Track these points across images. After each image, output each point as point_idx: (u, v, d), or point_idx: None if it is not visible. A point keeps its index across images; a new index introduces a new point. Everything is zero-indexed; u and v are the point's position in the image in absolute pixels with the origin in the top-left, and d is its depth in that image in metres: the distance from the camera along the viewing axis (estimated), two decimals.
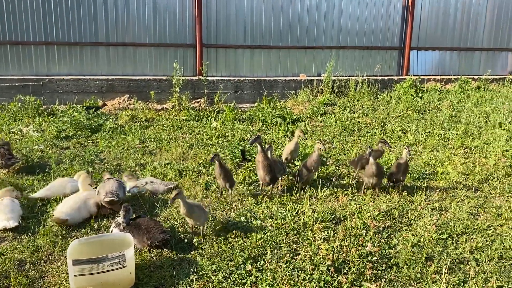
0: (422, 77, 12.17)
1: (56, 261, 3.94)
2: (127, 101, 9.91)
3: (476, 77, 12.64)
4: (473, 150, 7.12)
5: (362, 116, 9.36)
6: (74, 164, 6.18)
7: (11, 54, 9.74)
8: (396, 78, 11.96)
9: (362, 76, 11.68)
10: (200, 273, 3.71)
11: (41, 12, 9.75)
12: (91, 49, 10.18)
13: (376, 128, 8.50)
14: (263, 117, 9.07)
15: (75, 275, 3.36)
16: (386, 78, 11.90)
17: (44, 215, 4.76)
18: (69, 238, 4.32)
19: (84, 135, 7.73)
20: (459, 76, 12.38)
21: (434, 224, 4.58)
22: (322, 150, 5.75)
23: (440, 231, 4.44)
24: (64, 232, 4.44)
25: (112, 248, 3.62)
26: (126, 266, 3.46)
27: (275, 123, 8.83)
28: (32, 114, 8.82)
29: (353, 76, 11.73)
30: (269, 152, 5.42)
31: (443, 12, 12.41)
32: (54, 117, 8.77)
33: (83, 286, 3.37)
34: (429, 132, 8.29)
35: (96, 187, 5.02)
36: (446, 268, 3.72)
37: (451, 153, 6.99)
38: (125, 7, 10.18)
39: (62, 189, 5.20)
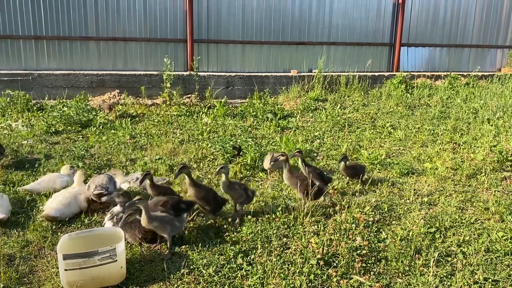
0: (412, 73, 12.25)
1: (46, 256, 3.93)
2: (118, 96, 9.85)
3: (465, 73, 12.76)
4: (462, 145, 7.21)
5: (352, 112, 9.42)
6: (64, 159, 6.14)
7: (0, 48, 9.62)
8: (386, 74, 12.03)
9: (353, 72, 11.73)
10: (191, 267, 3.72)
11: (30, 6, 9.63)
12: (81, 44, 10.09)
13: (367, 124, 8.56)
14: (254, 113, 9.08)
15: (65, 270, 3.35)
16: (376, 74, 11.96)
17: (34, 210, 4.74)
18: (59, 233, 4.31)
19: (74, 130, 7.68)
20: (448, 73, 12.48)
21: (422, 218, 4.65)
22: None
23: (429, 225, 4.50)
24: (54, 227, 4.43)
25: (103, 243, 3.62)
26: (116, 260, 3.47)
27: (266, 118, 8.84)
28: (21, 109, 8.73)
29: (344, 72, 11.77)
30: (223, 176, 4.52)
31: (433, 9, 12.49)
32: (43, 112, 8.70)
33: (73, 281, 3.37)
34: (418, 127, 8.36)
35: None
36: (434, 261, 3.78)
37: (440, 149, 7.06)
38: (116, 1, 10.09)
39: (51, 184, 5.18)
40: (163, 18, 10.49)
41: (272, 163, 5.50)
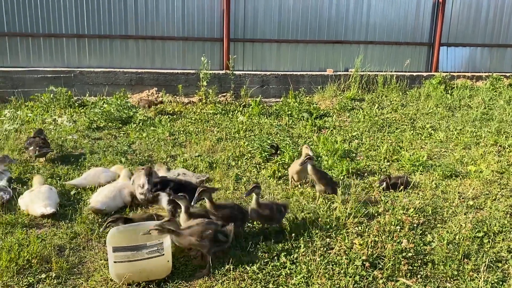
0: (451, 73, 11.93)
1: (94, 248, 4.04)
2: (156, 94, 10.02)
3: (508, 74, 12.32)
4: (507, 148, 6.96)
5: (391, 112, 9.24)
6: (107, 155, 6.29)
7: (44, 46, 9.95)
8: (425, 74, 11.76)
9: (391, 72, 11.52)
10: (235, 263, 3.73)
11: (73, 5, 9.92)
12: (120, 42, 10.32)
13: (406, 125, 8.38)
14: (290, 112, 9.05)
15: (115, 262, 3.43)
16: (415, 74, 11.71)
17: (80, 203, 4.88)
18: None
19: (115, 127, 7.86)
20: (490, 73, 12.08)
21: (469, 222, 4.51)
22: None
23: (476, 229, 4.37)
24: (100, 220, 4.54)
25: (149, 237, 3.67)
26: (164, 254, 3.52)
27: (301, 118, 8.79)
28: (63, 105, 9.00)
29: (381, 71, 11.58)
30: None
31: (475, 8, 12.11)
32: (84, 108, 8.94)
33: (122, 273, 3.44)
34: (460, 129, 8.13)
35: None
36: (484, 266, 3.67)
37: (484, 151, 6.85)
38: (155, 1, 10.26)
39: (96, 179, 5.32)
40: (200, 17, 10.60)
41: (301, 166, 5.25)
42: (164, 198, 4.48)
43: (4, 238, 4.09)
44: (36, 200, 4.60)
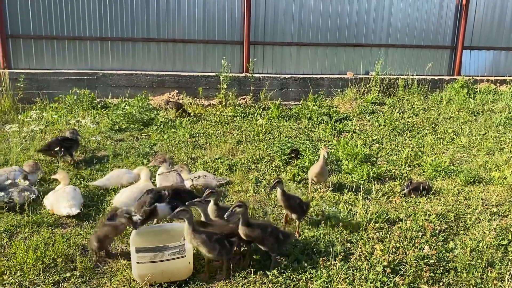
0: (474, 77, 11.72)
1: (116, 248, 4.12)
2: (176, 96, 10.13)
3: None
4: None
5: (412, 116, 9.14)
6: (130, 156, 6.39)
7: (68, 49, 10.16)
8: (447, 78, 11.59)
9: (412, 75, 11.38)
10: (256, 266, 3.76)
11: (96, 9, 10.11)
12: (142, 45, 10.47)
13: (427, 129, 8.28)
14: (309, 115, 9.04)
15: (138, 262, 3.49)
16: (436, 77, 11.55)
17: (104, 204, 4.97)
18: (127, 227, 4.48)
19: (137, 128, 7.97)
20: None
21: (493, 229, 4.44)
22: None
23: (500, 237, 4.30)
24: None
25: (172, 238, 3.72)
26: (185, 256, 3.57)
27: (321, 121, 8.77)
28: (86, 107, 9.17)
29: (402, 75, 11.45)
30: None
31: (500, 10, 11.88)
32: (107, 110, 9.09)
33: (145, 274, 3.50)
34: (483, 134, 8.00)
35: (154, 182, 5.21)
36: (509, 275, 3.60)
37: (508, 157, 6.72)
38: (176, 4, 10.39)
39: (119, 180, 5.42)
40: (221, 20, 10.68)
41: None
42: (161, 210, 4.29)
43: (30, 237, 4.21)
44: (61, 200, 4.71)
